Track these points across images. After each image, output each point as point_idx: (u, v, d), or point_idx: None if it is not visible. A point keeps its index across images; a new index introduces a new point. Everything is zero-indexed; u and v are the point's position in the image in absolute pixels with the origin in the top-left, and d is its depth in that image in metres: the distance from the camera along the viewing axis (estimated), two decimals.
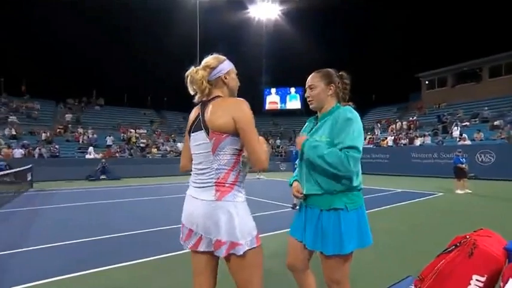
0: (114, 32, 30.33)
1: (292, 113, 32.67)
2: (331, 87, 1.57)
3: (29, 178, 10.79)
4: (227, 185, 1.30)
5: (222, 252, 1.27)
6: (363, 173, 1.62)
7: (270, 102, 32.26)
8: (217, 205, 1.28)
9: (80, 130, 19.62)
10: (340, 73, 1.61)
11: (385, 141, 17.60)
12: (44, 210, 6.51)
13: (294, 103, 32.15)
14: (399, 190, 9.18)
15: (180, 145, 20.16)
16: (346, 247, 1.43)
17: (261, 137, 1.33)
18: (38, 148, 15.66)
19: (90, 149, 16.49)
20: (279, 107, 32.36)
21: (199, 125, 1.36)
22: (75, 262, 3.18)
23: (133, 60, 32.31)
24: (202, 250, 1.34)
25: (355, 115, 1.47)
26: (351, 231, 1.45)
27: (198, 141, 1.36)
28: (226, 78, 1.42)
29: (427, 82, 24.87)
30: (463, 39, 28.09)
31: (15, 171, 9.94)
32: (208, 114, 1.32)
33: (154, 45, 30.73)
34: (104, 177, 13.79)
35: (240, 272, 1.30)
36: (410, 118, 21.08)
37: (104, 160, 14.57)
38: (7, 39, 27.03)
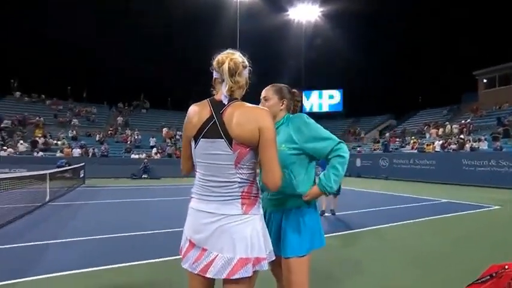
0: (159, 41, 32.54)
1: (330, 116, 31.72)
2: (284, 102, 1.65)
3: (82, 175, 11.99)
4: (252, 197, 1.22)
5: (248, 272, 1.13)
6: (405, 180, 1.57)
7: (311, 105, 31.69)
8: (245, 219, 1.17)
9: (128, 132, 21.31)
10: (292, 90, 1.71)
11: (431, 147, 16.07)
12: (89, 205, 7.15)
13: (334, 105, 31.18)
14: (444, 200, 8.29)
15: None
16: (303, 248, 1.49)
17: None
18: (91, 148, 17.36)
19: (154, 150, 17.91)
20: (319, 110, 31.62)
21: (217, 132, 1.16)
22: (103, 256, 3.42)
23: (176, 65, 34.31)
24: (209, 276, 1.15)
25: (308, 117, 1.59)
26: (307, 233, 1.52)
27: (213, 150, 1.18)
28: (247, 82, 1.29)
29: (485, 80, 22.26)
30: None
31: (71, 168, 11.14)
32: (233, 122, 1.15)
33: (195, 50, 32.19)
34: (146, 176, 14.76)
35: None
36: (463, 121, 19.00)
37: (146, 160, 15.60)
38: (73, 55, 30.84)
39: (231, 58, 1.20)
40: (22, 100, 23.31)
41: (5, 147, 15.68)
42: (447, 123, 19.66)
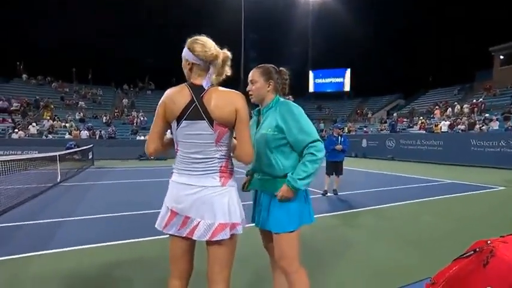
0: (162, 22, 31.87)
1: (337, 96, 31.21)
2: (270, 83, 1.65)
3: (90, 157, 12.30)
4: (229, 171, 1.39)
5: (226, 235, 1.31)
6: (411, 161, 1.60)
7: (317, 85, 31.15)
8: (223, 190, 1.34)
9: (134, 114, 21.49)
10: (279, 69, 1.71)
11: (438, 127, 15.82)
12: (99, 185, 7.41)
13: (339, 85, 30.61)
14: (449, 181, 8.29)
15: None
16: (292, 224, 1.56)
17: None
18: (99, 130, 17.64)
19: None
20: (324, 90, 31.10)
21: (199, 114, 1.30)
22: (112, 233, 3.61)
23: (179, 44, 33.79)
24: (195, 238, 1.34)
25: (296, 106, 1.59)
26: (295, 210, 1.58)
27: (196, 130, 1.31)
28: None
29: (501, 57, 21.35)
30: None
31: (80, 150, 11.43)
32: (212, 105, 1.30)
33: (200, 29, 31.63)
34: (152, 157, 15.03)
35: (228, 252, 1.37)
36: (474, 100, 18.49)
37: None
38: (76, 37, 30.51)
39: (223, 52, 1.37)
40: (29, 83, 23.54)
41: (16, 130, 16.08)
42: (456, 103, 19.18)
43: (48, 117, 18.59)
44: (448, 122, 15.73)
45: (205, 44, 1.34)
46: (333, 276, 2.55)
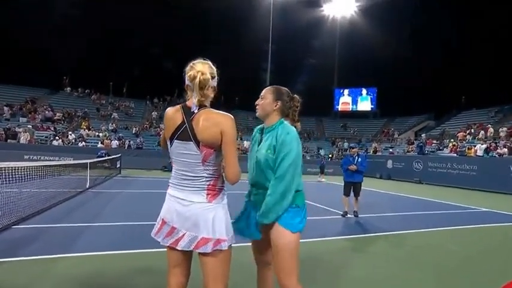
0: (192, 35, 33.64)
1: (363, 115, 30.56)
2: (278, 103, 1.68)
3: (118, 165, 12.93)
4: (217, 189, 1.46)
5: (208, 249, 1.37)
6: (440, 185, 1.56)
7: (343, 103, 30.86)
8: (209, 206, 1.41)
9: (162, 126, 22.43)
10: (293, 95, 1.74)
11: (472, 150, 14.83)
12: (123, 194, 7.75)
13: (364, 104, 30.08)
14: (484, 209, 7.67)
15: (246, 143, 21.13)
16: (293, 224, 1.57)
17: None
18: (128, 140, 18.57)
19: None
20: (350, 109, 30.67)
21: (187, 135, 1.38)
22: (128, 241, 3.76)
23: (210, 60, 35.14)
24: (180, 249, 1.41)
25: (293, 137, 1.58)
26: (296, 217, 1.60)
27: (185, 150, 1.40)
28: (215, 90, 1.48)
29: None
30: None
31: (109, 159, 12.08)
32: (200, 128, 1.37)
33: (227, 46, 32.78)
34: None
35: (218, 266, 1.41)
36: None
37: None
38: (113, 52, 32.99)
39: (202, 73, 1.39)
40: (72, 95, 25.59)
41: (57, 137, 17.39)
42: (489, 125, 17.96)
43: (85, 127, 19.96)
44: (484, 146, 14.72)
45: (194, 66, 1.41)
46: None
